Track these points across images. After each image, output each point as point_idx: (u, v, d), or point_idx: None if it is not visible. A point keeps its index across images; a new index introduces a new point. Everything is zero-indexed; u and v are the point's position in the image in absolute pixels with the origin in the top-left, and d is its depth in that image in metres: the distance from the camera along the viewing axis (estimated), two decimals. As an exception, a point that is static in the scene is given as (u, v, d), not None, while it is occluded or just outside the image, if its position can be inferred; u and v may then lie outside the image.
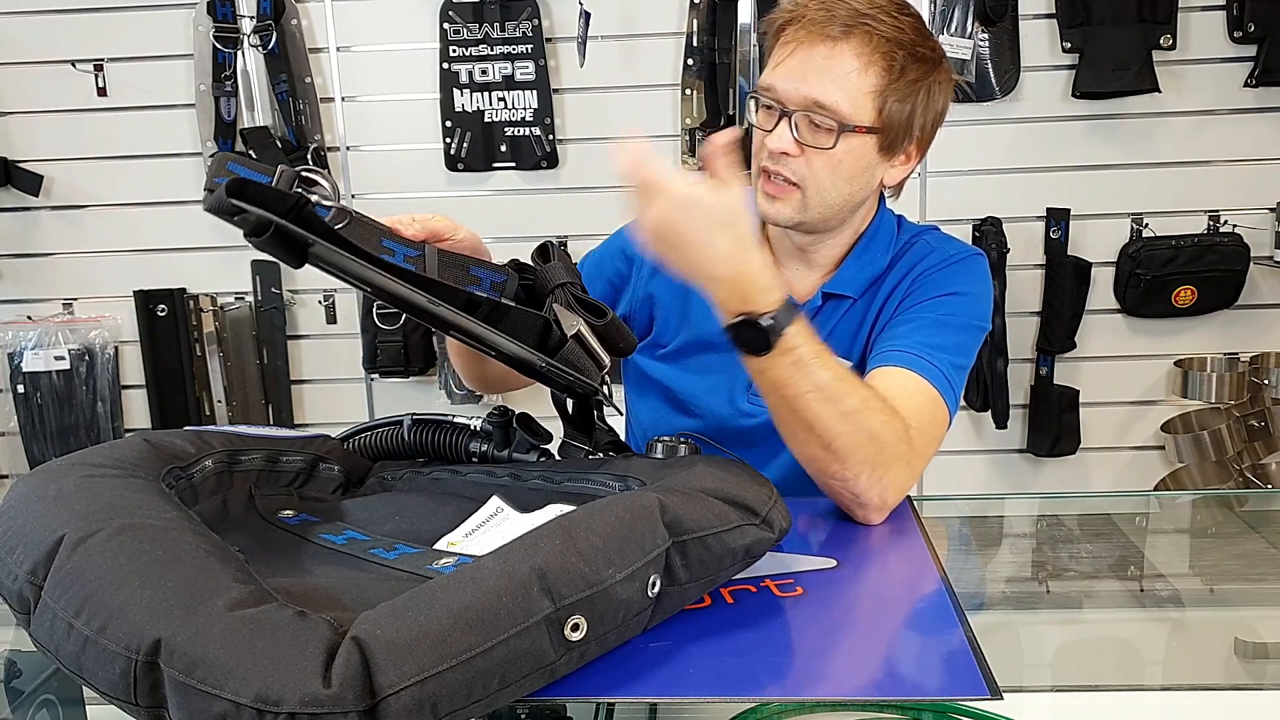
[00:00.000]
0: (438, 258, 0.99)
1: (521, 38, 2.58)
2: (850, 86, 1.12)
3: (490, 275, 1.02)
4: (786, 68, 1.15)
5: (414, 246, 0.98)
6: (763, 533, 0.84)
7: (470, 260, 1.02)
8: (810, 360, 0.99)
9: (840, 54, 1.12)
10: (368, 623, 0.62)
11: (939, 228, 1.34)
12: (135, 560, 0.68)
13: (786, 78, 1.14)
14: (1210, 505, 1.48)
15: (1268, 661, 0.91)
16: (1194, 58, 2.54)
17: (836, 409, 1.00)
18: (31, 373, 2.66)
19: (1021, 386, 2.70)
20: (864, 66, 1.12)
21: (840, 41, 1.12)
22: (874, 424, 1.02)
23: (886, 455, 1.02)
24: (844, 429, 1.01)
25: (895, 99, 1.14)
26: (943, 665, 0.75)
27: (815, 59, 1.13)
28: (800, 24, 1.14)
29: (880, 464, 1.02)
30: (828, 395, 1.00)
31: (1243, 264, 2.56)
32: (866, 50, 1.12)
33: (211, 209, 0.83)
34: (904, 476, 1.06)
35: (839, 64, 1.12)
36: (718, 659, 0.75)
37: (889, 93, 1.13)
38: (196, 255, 2.73)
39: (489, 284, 1.01)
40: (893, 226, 1.29)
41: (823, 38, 1.12)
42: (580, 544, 0.70)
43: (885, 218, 1.28)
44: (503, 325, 0.91)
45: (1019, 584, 1.10)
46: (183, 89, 2.65)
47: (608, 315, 0.97)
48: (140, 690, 0.62)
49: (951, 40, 2.50)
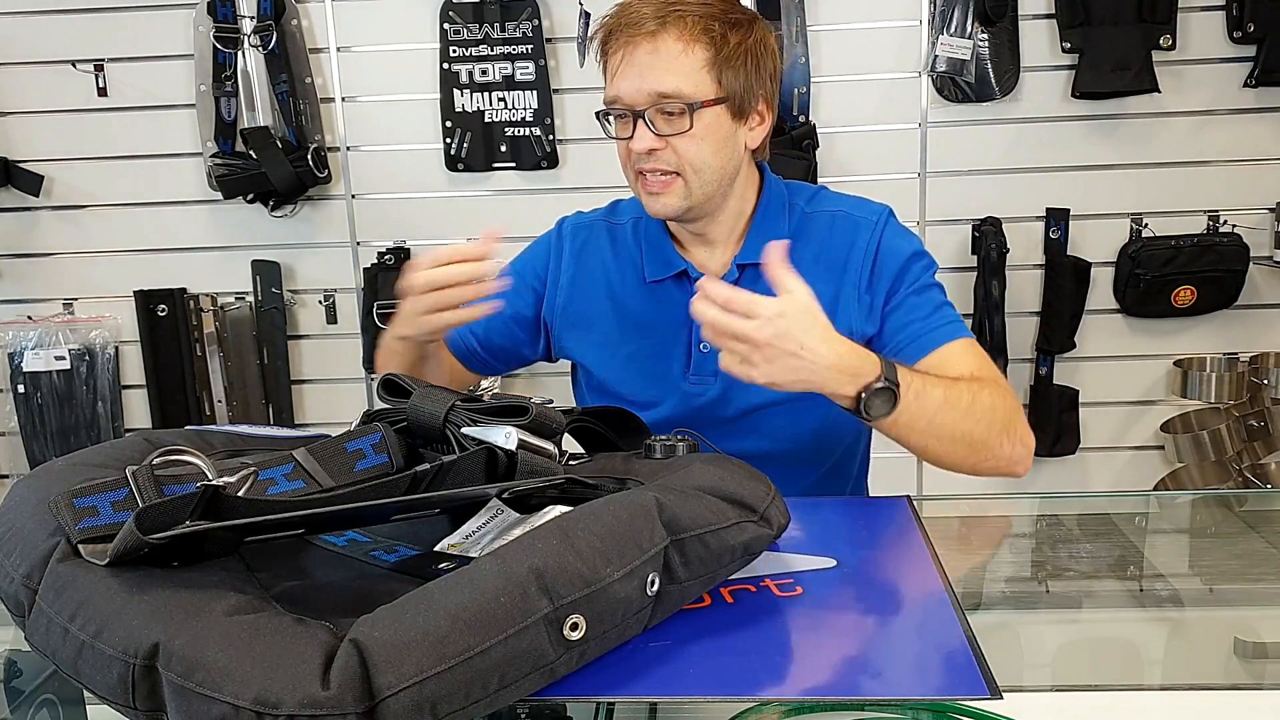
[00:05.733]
0: (313, 458, 0.89)
1: (521, 38, 2.58)
2: (684, 68, 1.19)
3: (366, 441, 0.92)
4: (622, 75, 1.21)
5: (284, 463, 0.88)
6: (761, 529, 0.84)
7: (339, 440, 0.93)
8: (921, 387, 1.09)
9: (663, 44, 1.19)
10: (366, 625, 0.62)
11: (826, 187, 1.40)
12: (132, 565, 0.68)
13: (624, 83, 1.21)
14: (1210, 505, 1.48)
15: (1267, 661, 0.91)
16: (1194, 58, 2.53)
17: (962, 411, 1.12)
18: (32, 372, 2.66)
19: (1021, 386, 2.70)
20: (688, 46, 1.19)
21: (659, 34, 1.19)
22: (985, 400, 1.14)
23: (1006, 416, 1.16)
24: (976, 424, 1.13)
25: (727, 67, 1.21)
26: (943, 665, 0.75)
27: (643, 57, 1.19)
28: (619, 32, 1.21)
29: (1007, 427, 1.16)
30: (951, 405, 1.11)
31: (1242, 264, 2.56)
32: (685, 32, 1.19)
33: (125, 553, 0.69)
34: (1020, 420, 1.19)
35: (665, 52, 1.19)
36: (717, 659, 0.75)
37: (719, 62, 1.20)
38: (196, 255, 2.73)
39: (370, 449, 0.92)
40: (782, 191, 1.35)
41: (643, 35, 1.19)
42: (578, 543, 0.70)
43: (773, 185, 1.35)
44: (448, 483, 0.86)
45: (1019, 584, 1.10)
46: (183, 89, 2.64)
47: (528, 411, 0.91)
48: (139, 694, 0.62)
49: (951, 40, 2.50)
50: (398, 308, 1.18)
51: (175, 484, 0.77)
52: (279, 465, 0.87)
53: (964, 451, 1.14)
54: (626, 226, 1.39)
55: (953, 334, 1.25)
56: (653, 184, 1.23)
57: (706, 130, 1.20)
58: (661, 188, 1.23)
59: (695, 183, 1.23)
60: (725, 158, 1.24)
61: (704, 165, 1.22)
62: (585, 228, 1.41)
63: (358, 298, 2.72)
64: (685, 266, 1.32)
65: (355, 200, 2.70)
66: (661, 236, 1.34)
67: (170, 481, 0.77)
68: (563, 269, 1.39)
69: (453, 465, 0.86)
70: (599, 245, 1.39)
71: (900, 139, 2.60)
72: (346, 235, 2.71)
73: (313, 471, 0.88)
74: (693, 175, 1.22)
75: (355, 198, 2.69)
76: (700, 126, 1.20)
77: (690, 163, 1.21)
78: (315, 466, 0.88)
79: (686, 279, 1.31)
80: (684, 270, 1.32)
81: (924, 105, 2.59)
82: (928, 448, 1.13)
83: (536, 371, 2.70)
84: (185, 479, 0.78)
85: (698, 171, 1.22)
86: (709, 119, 1.20)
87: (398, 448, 0.93)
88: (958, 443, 1.13)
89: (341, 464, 0.90)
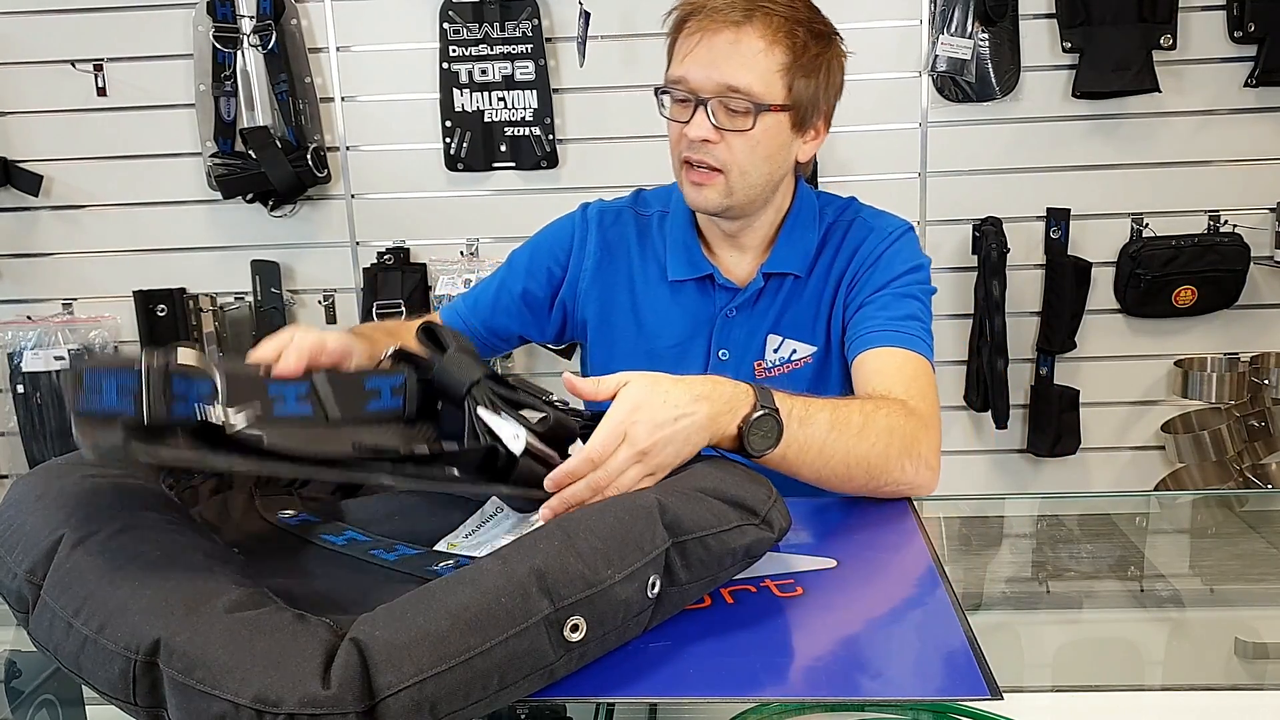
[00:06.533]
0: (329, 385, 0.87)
1: (521, 38, 2.58)
2: (760, 67, 1.16)
3: (386, 382, 0.92)
4: (694, 57, 1.17)
5: (300, 382, 0.86)
6: (762, 532, 0.84)
7: (362, 374, 0.92)
8: (804, 411, 1.01)
9: (746, 37, 1.15)
10: (366, 624, 0.62)
11: (857, 198, 1.38)
12: (135, 561, 0.68)
13: (696, 66, 1.17)
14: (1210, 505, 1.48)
15: (1268, 661, 0.91)
16: (1194, 58, 2.53)
17: (853, 434, 1.03)
18: (31, 373, 2.66)
19: (1021, 386, 2.70)
20: (769, 46, 1.16)
21: (744, 25, 1.15)
22: (884, 423, 1.06)
23: (909, 437, 1.07)
24: (871, 447, 1.04)
25: (801, 75, 1.18)
26: (942, 665, 0.75)
27: (721, 45, 1.16)
28: (702, 14, 1.17)
29: (909, 448, 1.07)
30: (841, 428, 1.03)
31: (1243, 264, 2.56)
32: (770, 31, 1.16)
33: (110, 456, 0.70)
34: (931, 439, 1.10)
35: (746, 47, 1.15)
36: (718, 659, 0.75)
37: (795, 70, 1.17)
38: (196, 255, 2.72)
39: (388, 391, 0.91)
40: (814, 201, 1.33)
41: (726, 24, 1.15)
42: (579, 545, 0.70)
43: (805, 195, 1.33)
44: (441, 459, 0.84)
45: (1019, 584, 1.10)
46: (183, 89, 2.64)
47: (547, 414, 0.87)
48: (139, 690, 0.62)
49: (951, 40, 2.50)
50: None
51: (184, 381, 0.73)
52: (292, 383, 0.85)
53: (862, 478, 1.05)
54: (653, 219, 1.36)
55: (897, 342, 1.18)
56: (697, 175, 1.20)
57: (765, 134, 1.18)
58: (704, 180, 1.20)
59: (739, 184, 1.21)
60: (774, 165, 1.22)
61: (752, 169, 1.20)
62: (612, 214, 1.37)
63: (357, 298, 2.72)
64: (711, 271, 1.30)
65: (355, 200, 2.70)
66: (689, 235, 1.32)
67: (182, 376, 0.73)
68: (587, 253, 1.35)
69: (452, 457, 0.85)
70: (625, 234, 1.36)
71: (900, 139, 2.60)
72: (346, 235, 2.71)
73: (324, 398, 0.86)
74: (738, 176, 1.20)
75: (355, 197, 2.69)
76: (760, 129, 1.17)
77: (739, 163, 1.19)
78: (328, 393, 0.87)
79: (711, 283, 1.30)
80: (710, 274, 1.30)
81: (924, 105, 2.59)
82: (823, 479, 1.04)
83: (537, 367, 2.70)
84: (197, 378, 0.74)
85: (744, 174, 1.20)
86: (770, 124, 1.18)
87: (415, 397, 0.92)
88: (854, 468, 1.04)
89: (355, 398, 0.88)
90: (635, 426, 0.87)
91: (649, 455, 0.87)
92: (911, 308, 1.23)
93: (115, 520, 0.73)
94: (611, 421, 0.87)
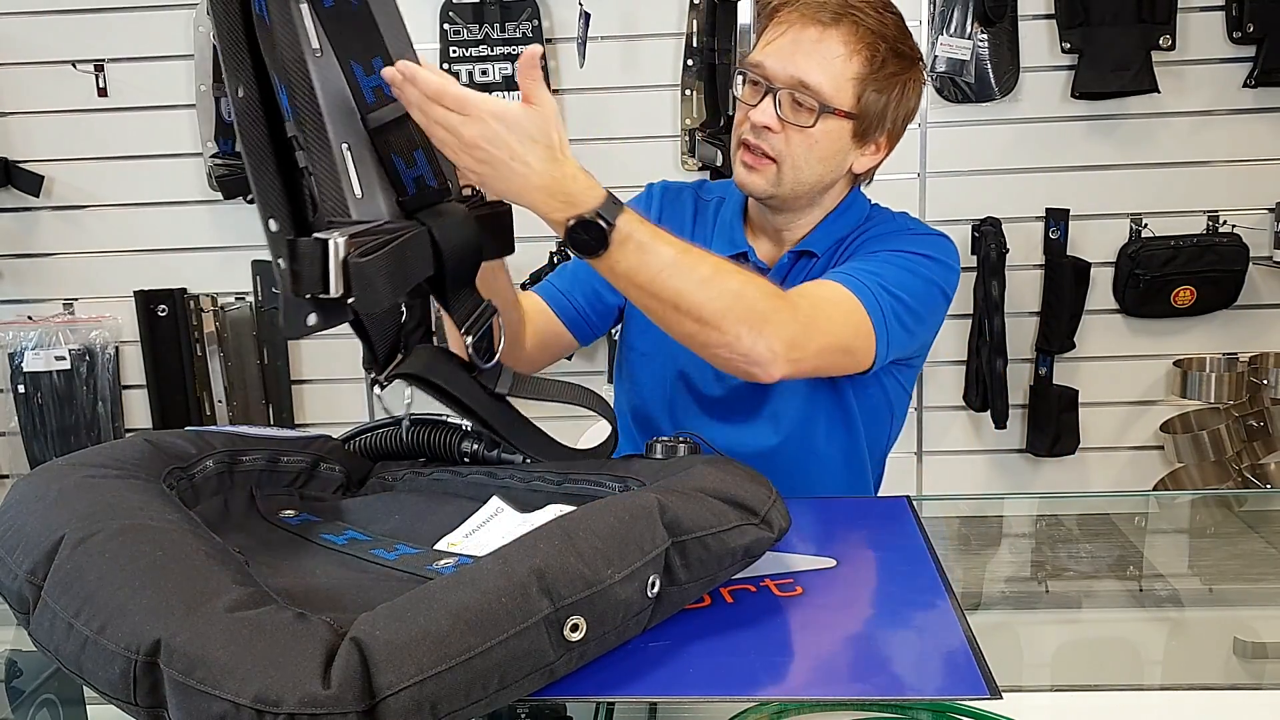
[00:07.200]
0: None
1: (521, 38, 2.58)
2: (835, 71, 1.18)
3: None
4: (777, 46, 1.20)
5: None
6: (762, 532, 0.84)
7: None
8: (650, 241, 1.00)
9: (829, 39, 1.18)
10: (367, 623, 0.62)
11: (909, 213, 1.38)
12: (135, 561, 0.69)
13: (776, 56, 1.20)
14: (1209, 505, 1.48)
15: (1267, 661, 0.91)
16: (1193, 58, 2.53)
17: (692, 278, 1.01)
18: (32, 373, 2.66)
19: (1021, 386, 2.70)
20: (849, 54, 1.18)
21: (830, 27, 1.18)
22: (733, 284, 1.04)
23: (759, 310, 1.04)
24: (706, 295, 1.02)
25: (874, 89, 1.20)
26: (942, 665, 0.75)
27: (805, 41, 1.19)
28: (794, 7, 1.20)
29: (754, 319, 1.03)
30: (679, 268, 1.01)
31: (1242, 264, 2.56)
32: (853, 39, 1.18)
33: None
34: (788, 329, 1.06)
35: (826, 48, 1.18)
36: (717, 659, 0.75)
37: (869, 82, 1.19)
38: (196, 255, 2.72)
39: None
40: (865, 206, 1.34)
41: (814, 22, 1.18)
42: (579, 544, 0.70)
43: (858, 199, 1.33)
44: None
45: (1019, 584, 1.10)
46: (183, 89, 2.64)
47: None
48: (140, 690, 0.62)
49: (951, 40, 2.50)
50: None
51: None
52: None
53: (691, 327, 1.03)
54: (711, 204, 1.40)
55: (840, 280, 1.17)
56: (751, 158, 1.23)
57: (825, 136, 1.20)
58: (756, 164, 1.23)
59: (790, 177, 1.23)
60: (827, 168, 1.24)
61: (805, 166, 1.22)
62: (675, 191, 1.42)
63: (357, 298, 2.72)
64: (746, 249, 1.33)
65: (355, 200, 2.69)
66: (735, 216, 1.35)
67: None
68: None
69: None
70: (683, 211, 1.40)
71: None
72: (346, 235, 2.71)
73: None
74: (789, 170, 1.22)
75: (355, 198, 2.69)
76: (820, 130, 1.19)
77: (794, 157, 1.21)
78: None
79: (744, 260, 1.32)
80: (744, 252, 1.33)
81: (924, 105, 2.59)
82: (653, 312, 1.04)
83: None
84: None
85: (796, 169, 1.22)
86: (831, 127, 1.20)
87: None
88: (681, 314, 1.02)
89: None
90: (491, 124, 0.92)
91: (468, 147, 0.92)
92: (896, 276, 1.19)
93: (115, 520, 0.73)
94: (486, 104, 0.92)
